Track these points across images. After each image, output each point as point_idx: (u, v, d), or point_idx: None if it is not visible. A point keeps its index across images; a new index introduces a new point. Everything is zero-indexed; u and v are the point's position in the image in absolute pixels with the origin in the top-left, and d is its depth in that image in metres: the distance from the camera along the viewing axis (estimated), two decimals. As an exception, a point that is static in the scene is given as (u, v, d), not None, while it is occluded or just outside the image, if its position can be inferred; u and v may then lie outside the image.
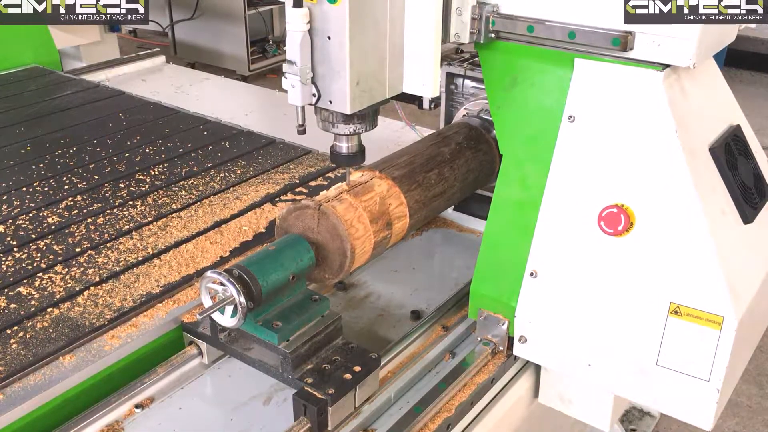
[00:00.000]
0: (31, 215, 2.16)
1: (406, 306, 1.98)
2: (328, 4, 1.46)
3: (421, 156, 1.92)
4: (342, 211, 1.66)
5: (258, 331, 1.58)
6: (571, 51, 1.61)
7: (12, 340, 1.62)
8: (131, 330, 1.70)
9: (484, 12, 1.67)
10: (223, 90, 3.89)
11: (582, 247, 1.61)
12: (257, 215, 2.19)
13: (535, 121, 1.69)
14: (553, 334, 1.68)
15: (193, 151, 2.62)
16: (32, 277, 1.85)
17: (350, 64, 1.49)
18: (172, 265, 1.93)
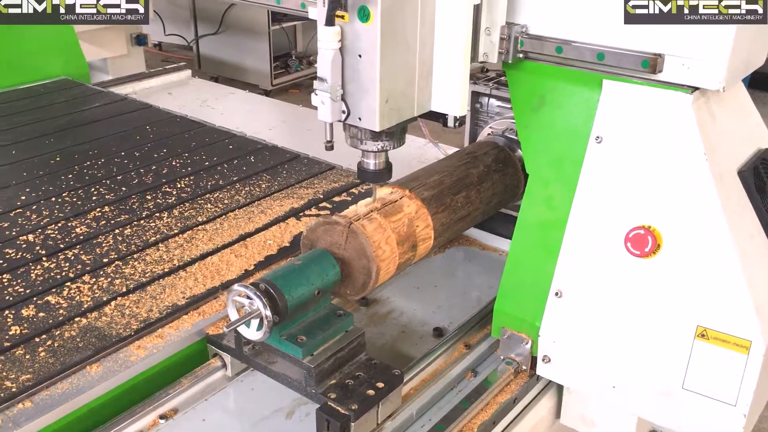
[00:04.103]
0: (60, 225, 2.19)
1: (429, 323, 1.98)
2: (360, 22, 1.48)
3: (450, 176, 1.93)
4: (371, 232, 1.66)
5: (282, 345, 1.59)
6: (599, 72, 1.61)
7: (40, 349, 1.65)
8: (157, 341, 1.71)
9: (512, 32, 1.68)
10: (248, 104, 3.94)
11: (608, 268, 1.61)
12: (281, 229, 2.21)
13: (562, 142, 1.69)
14: (577, 355, 1.67)
15: (219, 165, 2.64)
16: (60, 287, 1.88)
17: (380, 81, 1.51)
18: (197, 277, 1.94)
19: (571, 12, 1.61)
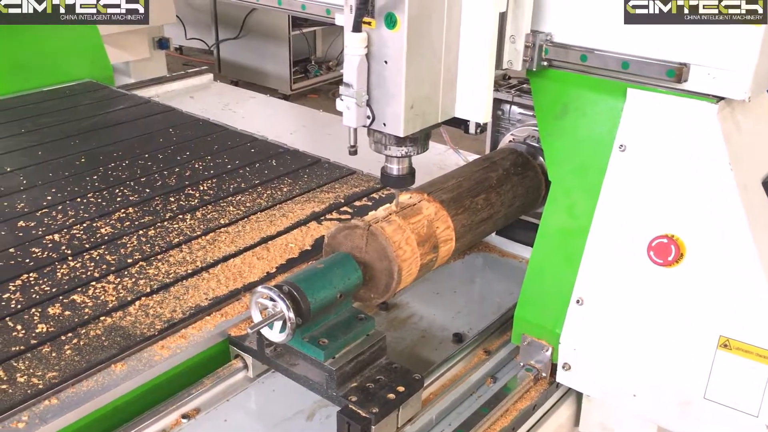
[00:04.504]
0: (85, 225, 2.22)
1: (448, 328, 1.99)
2: (387, 29, 1.50)
3: (468, 180, 1.94)
4: (391, 233, 1.68)
5: (304, 348, 1.60)
6: (623, 81, 1.62)
7: (66, 346, 1.67)
8: (180, 341, 1.73)
9: (537, 40, 1.69)
10: (268, 108, 3.97)
11: (630, 277, 1.61)
12: (303, 233, 2.23)
13: (585, 150, 1.70)
14: (598, 363, 1.67)
15: (241, 168, 2.67)
16: (86, 286, 1.91)
17: (406, 87, 1.52)
18: (220, 278, 1.97)
19: (596, 21, 1.61)
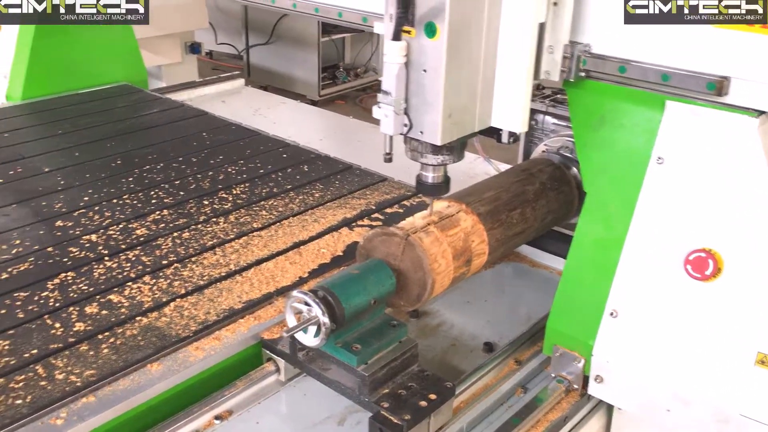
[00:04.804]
0: (121, 226, 2.25)
1: (479, 337, 1.99)
2: (426, 38, 1.51)
3: (506, 192, 1.94)
4: (428, 245, 1.68)
5: (337, 353, 1.61)
6: (663, 93, 1.61)
7: (103, 345, 1.70)
8: (214, 343, 1.75)
9: (575, 51, 1.69)
10: (299, 114, 4.00)
11: (666, 290, 1.60)
12: (335, 239, 2.24)
13: (622, 162, 1.69)
14: (631, 376, 1.66)
15: (273, 173, 2.69)
16: (122, 286, 1.94)
17: (444, 96, 1.53)
18: (253, 282, 1.98)
19: (636, 32, 1.61)
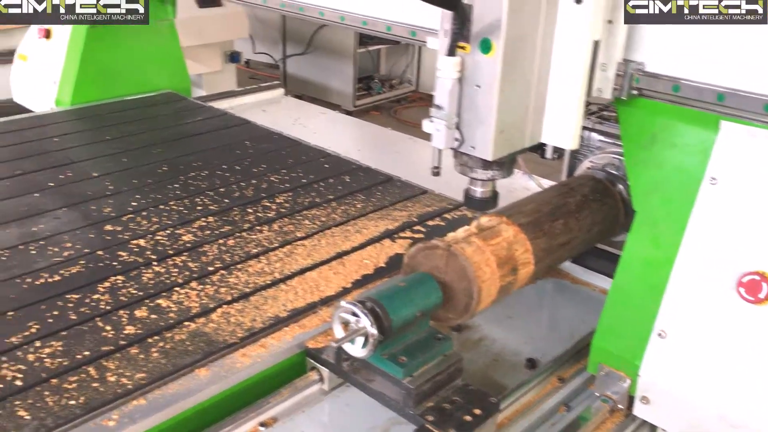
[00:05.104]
0: (168, 232, 2.29)
1: (521, 353, 1.98)
2: (481, 54, 1.52)
3: (547, 205, 1.93)
4: (471, 254, 1.68)
5: (383, 364, 1.62)
6: (717, 113, 1.59)
7: (153, 349, 1.73)
8: (260, 350, 1.77)
9: (629, 69, 1.68)
10: (338, 124, 4.04)
11: (717, 312, 1.58)
12: (377, 250, 2.25)
13: (674, 181, 1.68)
14: (679, 399, 1.64)
15: (315, 183, 2.72)
16: (170, 291, 1.97)
17: (497, 112, 1.54)
18: (297, 291, 2.00)
19: (692, 51, 1.60)
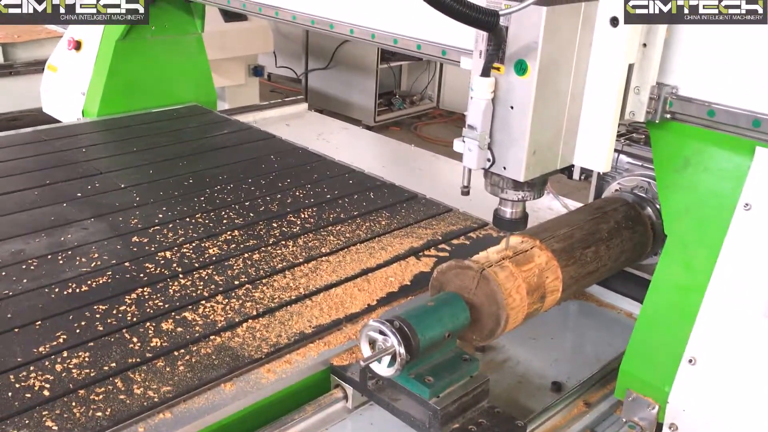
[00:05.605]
0: (194, 245, 2.30)
1: (546, 376, 1.96)
2: (516, 75, 1.52)
3: (580, 230, 1.92)
4: (503, 279, 1.67)
5: (410, 384, 1.61)
6: (752, 138, 1.58)
7: (179, 362, 1.73)
8: (285, 366, 1.77)
9: (662, 93, 1.67)
10: (361, 140, 4.05)
11: (750, 340, 1.55)
12: (402, 267, 2.25)
13: (706, 206, 1.66)
14: (708, 426, 1.61)
15: (340, 199, 2.72)
16: (196, 304, 1.97)
17: (530, 134, 1.53)
18: (322, 307, 2.00)
19: (727, 76, 1.59)
